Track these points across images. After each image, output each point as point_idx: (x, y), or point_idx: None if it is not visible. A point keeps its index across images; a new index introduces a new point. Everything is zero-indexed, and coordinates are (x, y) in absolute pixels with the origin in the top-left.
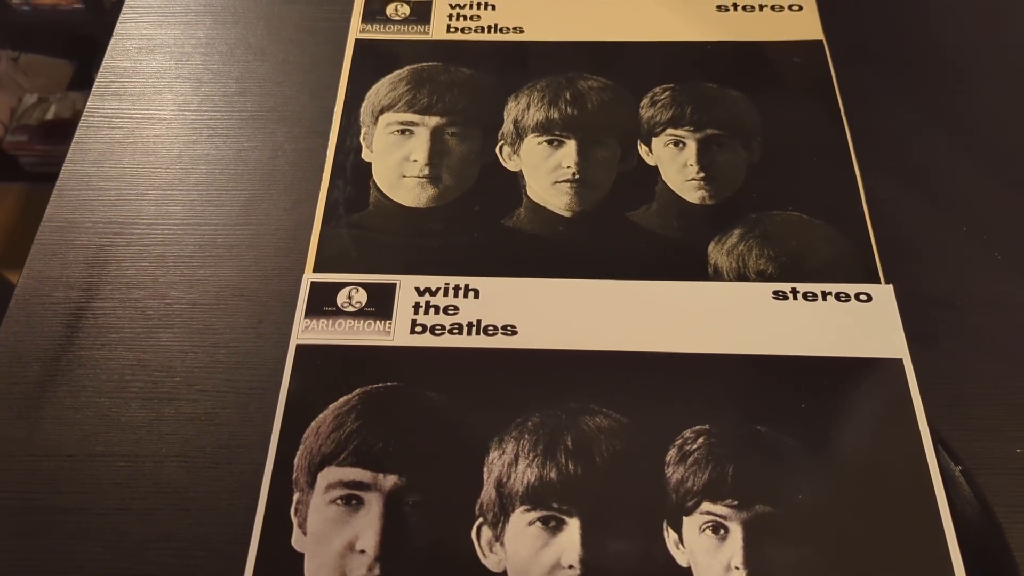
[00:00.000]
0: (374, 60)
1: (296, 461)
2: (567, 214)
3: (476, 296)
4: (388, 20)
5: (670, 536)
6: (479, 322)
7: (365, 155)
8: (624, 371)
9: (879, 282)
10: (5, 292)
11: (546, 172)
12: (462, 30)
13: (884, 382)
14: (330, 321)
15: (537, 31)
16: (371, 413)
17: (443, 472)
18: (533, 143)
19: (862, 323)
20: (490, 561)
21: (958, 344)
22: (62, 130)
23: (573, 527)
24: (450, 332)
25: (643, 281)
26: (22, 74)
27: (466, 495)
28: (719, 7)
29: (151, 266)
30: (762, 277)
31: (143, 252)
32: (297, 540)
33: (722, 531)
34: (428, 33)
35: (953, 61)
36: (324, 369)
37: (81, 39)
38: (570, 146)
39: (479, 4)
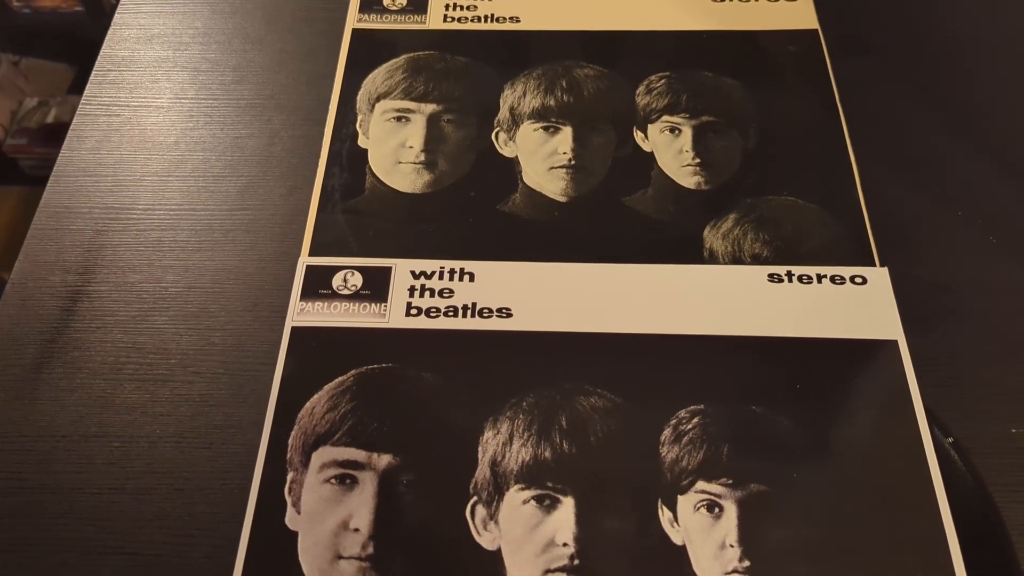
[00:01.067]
0: (371, 49)
1: (291, 441)
2: (563, 199)
3: (471, 279)
4: (385, 10)
5: (665, 514)
6: (474, 305)
7: (361, 142)
8: (619, 352)
9: (874, 265)
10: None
11: (542, 158)
12: (459, 20)
13: (879, 363)
14: (325, 304)
15: (533, 21)
16: (366, 394)
17: (438, 451)
18: (529, 129)
19: (857, 305)
20: (484, 539)
21: (953, 326)
22: (62, 134)
23: (568, 505)
24: (445, 314)
25: (638, 265)
26: (23, 78)
27: (461, 474)
28: None
29: (147, 251)
30: (757, 260)
31: (139, 237)
32: (291, 519)
33: (716, 509)
34: (425, 23)
35: (947, 49)
36: (319, 351)
37: (82, 43)
38: (566, 132)
39: None
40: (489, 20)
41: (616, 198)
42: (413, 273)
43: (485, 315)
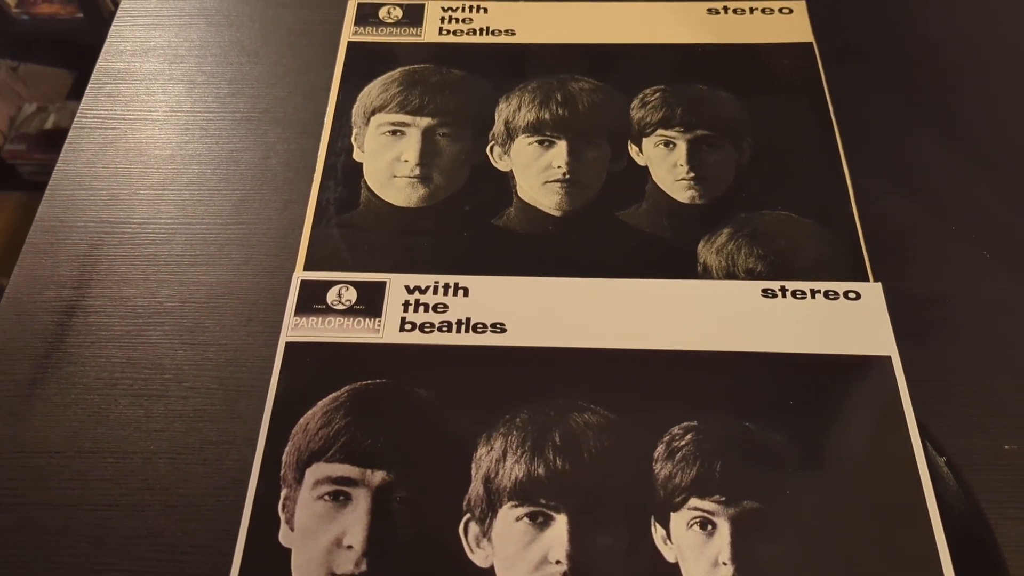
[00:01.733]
0: (366, 62)
1: (284, 458)
2: (557, 213)
3: (466, 294)
4: (381, 23)
5: (658, 532)
6: (468, 320)
7: (356, 155)
8: (613, 368)
9: (868, 280)
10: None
11: (536, 172)
12: (454, 32)
13: (873, 379)
14: (320, 319)
15: (528, 34)
16: (360, 410)
17: (431, 468)
18: (524, 143)
19: (851, 320)
20: (477, 557)
21: (946, 341)
22: (61, 139)
23: (561, 523)
24: (439, 330)
25: (633, 280)
26: (21, 83)
27: (454, 491)
28: (710, 10)
29: (142, 265)
30: (751, 276)
31: (134, 251)
32: (284, 536)
33: (710, 527)
34: (420, 36)
35: (941, 62)
36: (313, 366)
37: (80, 49)
38: (561, 146)
39: (471, 7)
40: (484, 33)
41: (610, 212)
42: (407, 288)
43: (479, 330)
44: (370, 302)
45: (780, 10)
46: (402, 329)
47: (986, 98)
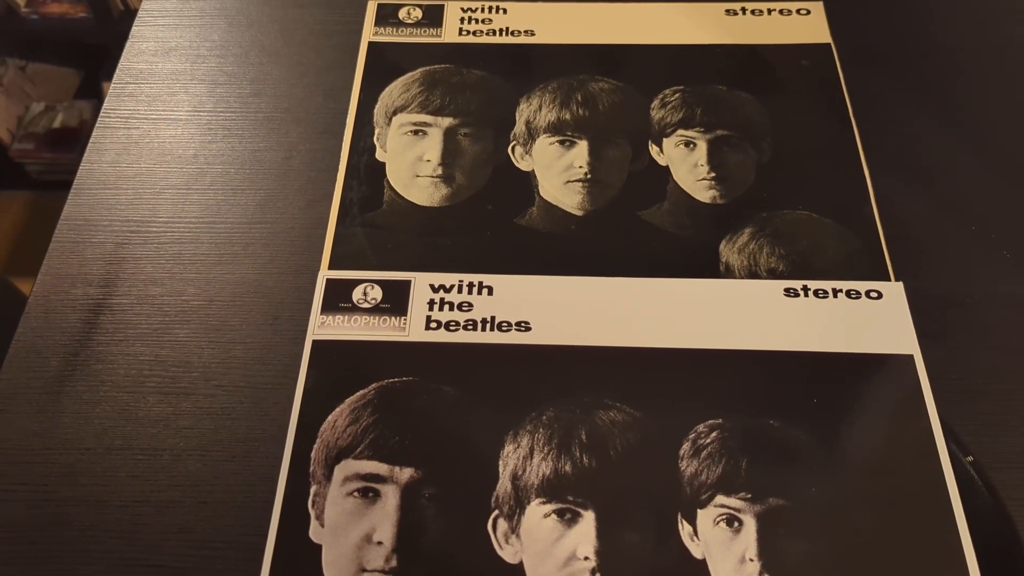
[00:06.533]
0: (387, 62)
1: (313, 454)
2: (579, 213)
3: (490, 293)
4: (401, 23)
5: (684, 528)
6: (493, 318)
7: (379, 155)
8: (637, 367)
9: (889, 279)
10: (12, 298)
11: (558, 172)
12: (474, 33)
13: (895, 377)
14: (346, 317)
15: (548, 34)
16: (387, 407)
17: (459, 465)
18: (545, 143)
19: (873, 320)
20: (506, 553)
21: (967, 341)
22: (69, 139)
23: (588, 519)
24: (464, 328)
25: (655, 279)
26: (30, 83)
27: (482, 488)
28: (728, 11)
29: (168, 264)
30: (773, 275)
31: (160, 250)
32: (315, 532)
33: (736, 524)
34: (440, 36)
35: (960, 63)
36: (340, 364)
37: (89, 48)
38: (582, 146)
39: (491, 8)
40: (504, 33)
41: (632, 212)
42: (432, 287)
43: (504, 329)
44: (395, 301)
45: (798, 11)
46: (428, 327)
47: (1005, 99)
